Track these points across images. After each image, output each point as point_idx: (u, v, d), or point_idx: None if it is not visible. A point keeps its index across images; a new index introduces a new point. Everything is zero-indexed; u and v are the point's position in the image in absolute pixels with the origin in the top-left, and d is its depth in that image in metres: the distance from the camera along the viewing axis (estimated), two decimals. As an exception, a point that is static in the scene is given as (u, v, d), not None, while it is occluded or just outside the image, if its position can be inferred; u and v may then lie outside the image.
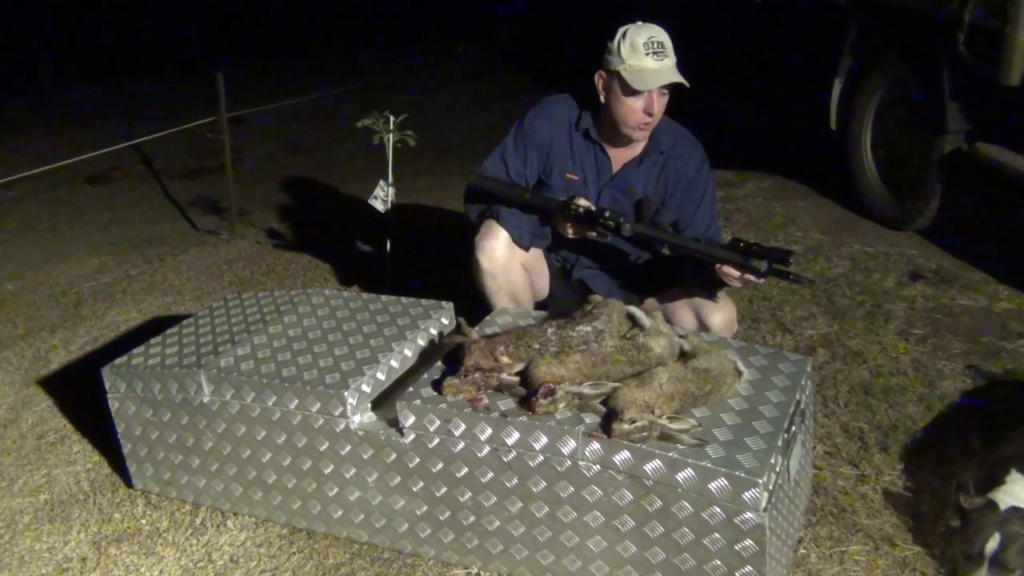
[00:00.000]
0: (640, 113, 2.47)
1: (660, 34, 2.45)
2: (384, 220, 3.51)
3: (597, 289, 2.66)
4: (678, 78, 2.42)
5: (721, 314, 2.48)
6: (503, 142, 2.67)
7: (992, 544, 1.89)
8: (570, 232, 2.53)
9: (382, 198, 3.46)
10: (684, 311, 2.53)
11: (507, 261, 2.55)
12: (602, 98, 2.53)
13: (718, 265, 2.31)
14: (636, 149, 2.62)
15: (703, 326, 2.49)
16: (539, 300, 2.74)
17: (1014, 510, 1.93)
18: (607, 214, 2.41)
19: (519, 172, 2.64)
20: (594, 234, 2.50)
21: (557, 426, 1.86)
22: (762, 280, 2.30)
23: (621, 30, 2.46)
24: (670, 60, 2.44)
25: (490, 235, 2.54)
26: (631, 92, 2.43)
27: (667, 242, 2.46)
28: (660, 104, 2.47)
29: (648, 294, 2.67)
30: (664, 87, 2.44)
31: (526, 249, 2.59)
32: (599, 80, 2.52)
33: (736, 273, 2.29)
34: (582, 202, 2.46)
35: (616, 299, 2.25)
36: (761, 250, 2.24)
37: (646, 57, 2.41)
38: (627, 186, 2.61)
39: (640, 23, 2.48)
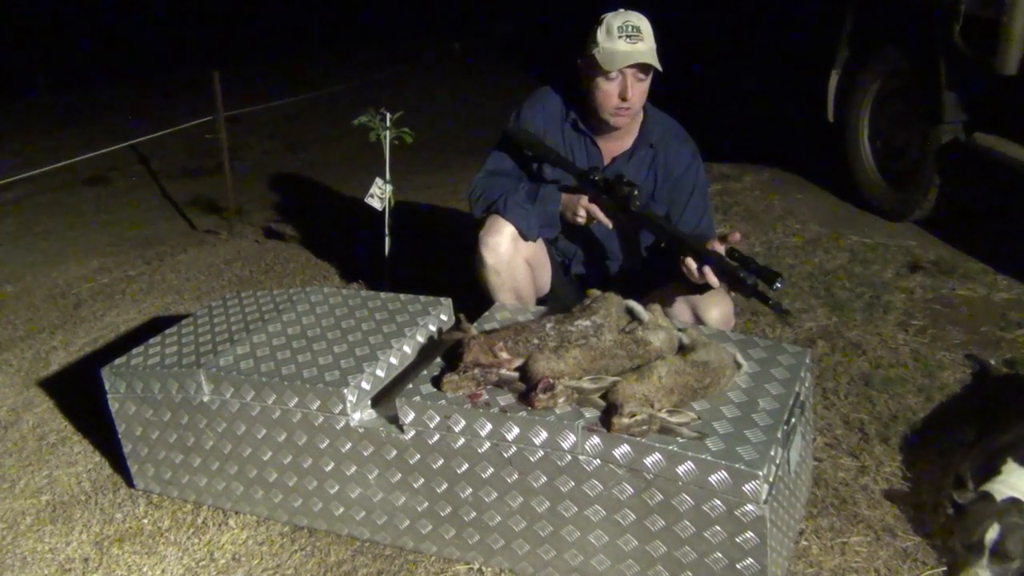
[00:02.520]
0: (615, 98, 2.46)
1: (637, 19, 2.45)
2: (382, 217, 3.51)
3: (596, 284, 2.65)
4: (648, 60, 2.42)
5: (718, 309, 2.47)
6: (504, 135, 2.67)
7: (992, 535, 1.89)
8: (581, 219, 2.48)
9: (379, 196, 3.46)
10: (680, 307, 2.53)
11: (511, 257, 2.55)
12: (583, 85, 2.54)
13: (702, 268, 2.23)
14: (626, 142, 2.62)
15: (699, 322, 2.48)
16: (541, 295, 2.74)
17: (1012, 501, 1.93)
18: (625, 181, 2.38)
19: (521, 163, 2.64)
20: (598, 219, 2.47)
21: (557, 421, 1.86)
22: (747, 296, 2.23)
23: (601, 16, 2.48)
24: (644, 44, 2.43)
25: (494, 231, 2.53)
26: (603, 74, 2.44)
27: (664, 230, 2.39)
28: (637, 90, 2.46)
29: (644, 290, 2.66)
30: (642, 72, 2.44)
31: (534, 240, 2.58)
32: (580, 67, 2.53)
33: (714, 280, 2.22)
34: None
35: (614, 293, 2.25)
36: (754, 266, 2.15)
37: (619, 40, 2.41)
38: None
39: (621, 10, 2.49)
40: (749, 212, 4.34)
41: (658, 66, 2.44)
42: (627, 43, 2.41)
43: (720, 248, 2.23)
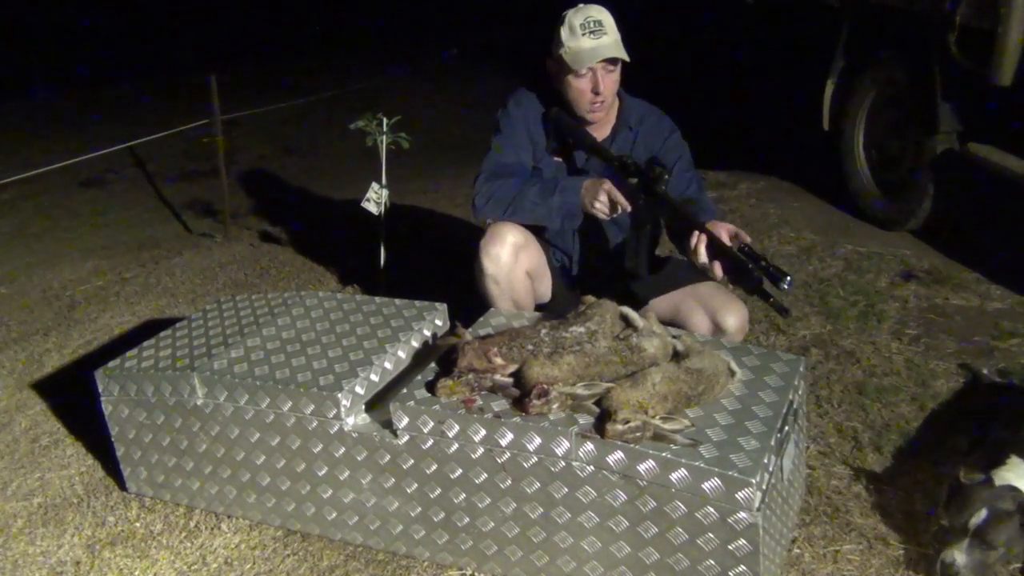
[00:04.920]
0: (588, 93, 2.50)
1: (598, 13, 2.48)
2: (378, 222, 3.51)
3: (597, 289, 2.64)
4: (614, 53, 2.44)
5: (735, 317, 2.46)
6: (497, 132, 2.68)
7: (977, 520, 1.88)
8: (600, 204, 2.43)
9: (375, 200, 3.46)
10: (697, 314, 2.52)
11: (512, 267, 2.55)
12: (556, 84, 2.57)
13: (713, 262, 2.20)
14: (605, 130, 2.65)
15: (717, 328, 2.47)
16: (540, 303, 2.74)
17: (1008, 488, 1.91)
18: (657, 163, 2.37)
19: (525, 150, 2.66)
20: (618, 212, 2.43)
21: (551, 427, 1.87)
22: (750, 292, 2.17)
23: (563, 14, 2.51)
24: (608, 37, 2.46)
25: (496, 241, 2.54)
26: (572, 73, 2.47)
27: (684, 216, 2.32)
28: (608, 82, 2.49)
29: (647, 297, 2.66)
30: (611, 64, 2.47)
31: (557, 228, 2.59)
32: (550, 67, 2.57)
33: (719, 273, 2.19)
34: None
35: (613, 300, 2.24)
36: (763, 263, 2.10)
37: (583, 37, 2.45)
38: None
39: (581, 5, 2.52)
40: (744, 220, 4.35)
41: (625, 57, 2.47)
42: (591, 39, 2.45)
43: (726, 238, 2.21)
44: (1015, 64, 3.32)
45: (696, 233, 2.21)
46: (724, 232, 2.23)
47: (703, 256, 2.20)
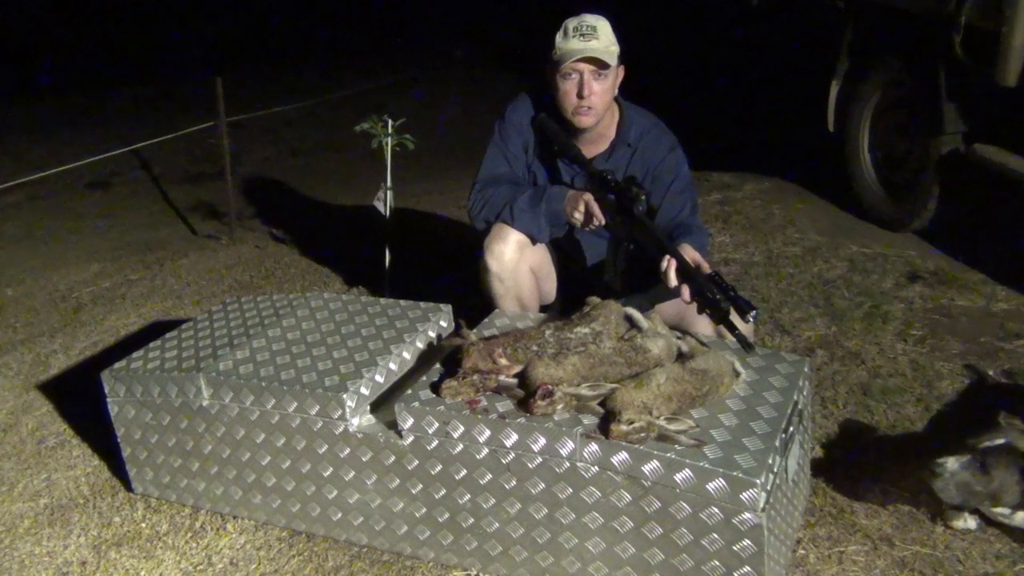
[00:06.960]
0: (573, 96, 2.49)
1: (594, 20, 2.49)
2: (383, 223, 3.52)
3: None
4: (597, 54, 2.44)
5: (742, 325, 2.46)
6: (492, 140, 2.70)
7: (990, 442, 1.90)
8: (579, 214, 2.45)
9: (384, 201, 3.47)
10: (701, 324, 2.52)
11: (516, 265, 2.55)
12: (550, 89, 2.58)
13: (681, 286, 2.20)
14: (603, 144, 2.64)
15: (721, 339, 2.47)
16: (545, 304, 2.74)
17: None
18: (636, 183, 2.37)
19: (519, 159, 2.67)
20: (594, 224, 2.44)
21: (555, 428, 1.87)
22: (716, 322, 2.17)
23: (563, 22, 2.52)
24: (598, 42, 2.46)
25: (500, 238, 2.54)
26: (560, 73, 2.48)
27: (657, 241, 2.31)
28: (594, 87, 2.48)
29: (656, 301, 2.65)
30: (600, 69, 2.46)
31: (545, 241, 2.59)
32: (546, 72, 2.57)
33: (687, 298, 2.19)
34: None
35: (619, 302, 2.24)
36: (732, 295, 2.09)
37: (573, 39, 2.46)
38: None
39: (583, 13, 2.53)
40: (749, 221, 4.35)
41: (610, 61, 2.47)
42: (580, 41, 2.46)
43: (691, 263, 2.20)
44: (1020, 64, 3.32)
45: (667, 257, 2.22)
46: (689, 259, 2.24)
47: (673, 280, 2.21)
